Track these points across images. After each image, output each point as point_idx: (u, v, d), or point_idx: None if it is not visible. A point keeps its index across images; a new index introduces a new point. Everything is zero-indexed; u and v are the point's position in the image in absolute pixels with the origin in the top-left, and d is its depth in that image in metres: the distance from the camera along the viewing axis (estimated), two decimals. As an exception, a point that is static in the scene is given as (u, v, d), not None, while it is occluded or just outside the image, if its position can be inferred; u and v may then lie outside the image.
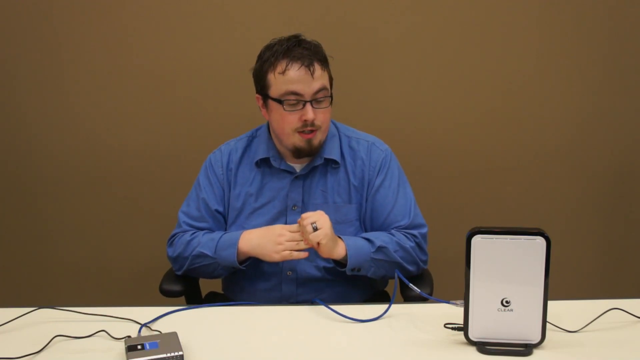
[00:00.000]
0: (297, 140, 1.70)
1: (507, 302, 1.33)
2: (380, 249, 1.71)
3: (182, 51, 2.48)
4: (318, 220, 1.62)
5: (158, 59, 2.48)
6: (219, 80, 2.50)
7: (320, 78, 1.68)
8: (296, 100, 1.66)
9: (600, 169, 2.70)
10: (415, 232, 1.79)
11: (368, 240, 1.72)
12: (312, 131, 1.69)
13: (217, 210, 1.82)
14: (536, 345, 1.35)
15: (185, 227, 1.83)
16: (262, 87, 1.73)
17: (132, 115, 2.52)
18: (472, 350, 1.35)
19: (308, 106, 1.67)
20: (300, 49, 1.67)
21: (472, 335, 1.36)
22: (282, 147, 1.78)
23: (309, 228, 1.61)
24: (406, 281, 1.53)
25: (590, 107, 2.65)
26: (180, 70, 2.49)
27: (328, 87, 1.71)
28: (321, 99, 1.69)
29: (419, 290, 1.52)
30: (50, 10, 2.42)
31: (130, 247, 2.62)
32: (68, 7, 2.42)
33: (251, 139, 1.86)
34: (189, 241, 1.77)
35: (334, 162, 1.79)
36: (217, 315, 1.55)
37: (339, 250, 1.68)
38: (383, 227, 1.80)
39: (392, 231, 1.78)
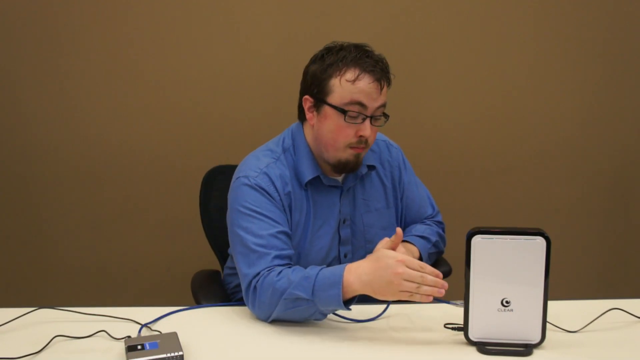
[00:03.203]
0: (347, 155, 1.61)
1: (507, 302, 1.33)
2: (434, 244, 1.81)
3: (184, 52, 2.48)
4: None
5: (159, 60, 2.48)
6: (220, 82, 2.50)
7: (384, 95, 1.60)
8: (358, 113, 1.57)
9: (600, 169, 2.70)
10: (440, 218, 1.91)
11: (423, 237, 1.78)
12: (363, 148, 1.62)
13: (291, 235, 1.64)
14: (536, 346, 1.35)
15: (276, 262, 1.52)
16: (319, 91, 1.60)
17: (133, 115, 2.52)
18: (472, 350, 1.35)
19: (367, 122, 1.58)
20: (371, 61, 1.58)
21: (472, 336, 1.36)
22: (321, 160, 1.67)
23: None
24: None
25: (590, 107, 2.65)
26: (180, 71, 2.49)
27: (386, 104, 1.63)
28: (379, 117, 1.61)
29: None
30: (51, 10, 2.42)
31: (131, 247, 2.62)
32: (70, 6, 2.42)
33: (284, 156, 1.69)
34: (276, 282, 1.45)
35: (371, 167, 1.76)
36: (217, 315, 1.55)
37: (415, 257, 1.72)
38: (415, 221, 1.86)
39: (427, 222, 1.86)
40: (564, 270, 2.54)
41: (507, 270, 1.32)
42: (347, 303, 1.42)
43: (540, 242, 1.30)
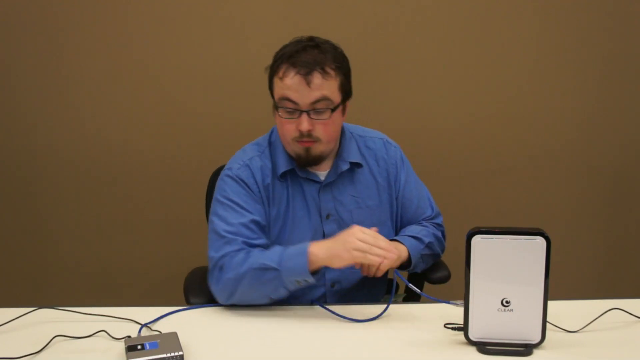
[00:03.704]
0: (297, 149, 1.63)
1: (507, 302, 1.33)
2: (428, 245, 1.76)
3: (187, 53, 2.48)
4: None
5: (162, 60, 2.48)
6: (225, 82, 2.51)
7: (319, 88, 1.55)
8: (293, 108, 1.57)
9: (600, 169, 2.70)
10: (439, 220, 1.87)
11: (415, 237, 1.75)
12: (309, 142, 1.60)
13: (266, 227, 1.68)
14: (536, 345, 1.35)
15: (241, 246, 1.58)
16: (270, 87, 1.65)
17: (136, 116, 2.52)
18: (472, 350, 1.35)
19: (303, 116, 1.57)
20: (305, 55, 1.55)
21: (472, 335, 1.36)
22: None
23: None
24: (406, 281, 1.54)
25: (590, 108, 2.65)
26: (184, 71, 2.49)
27: (332, 97, 1.58)
28: (321, 110, 1.57)
29: (419, 290, 1.53)
30: (51, 10, 2.42)
31: (131, 248, 2.62)
32: (71, 6, 2.42)
33: (269, 149, 1.73)
34: (245, 259, 1.54)
35: (357, 165, 1.74)
36: (217, 315, 1.55)
37: (403, 256, 1.69)
38: (412, 221, 1.83)
39: (423, 223, 1.83)
40: (564, 270, 2.54)
41: (507, 270, 1.31)
42: (313, 275, 1.51)
43: (540, 242, 1.30)
